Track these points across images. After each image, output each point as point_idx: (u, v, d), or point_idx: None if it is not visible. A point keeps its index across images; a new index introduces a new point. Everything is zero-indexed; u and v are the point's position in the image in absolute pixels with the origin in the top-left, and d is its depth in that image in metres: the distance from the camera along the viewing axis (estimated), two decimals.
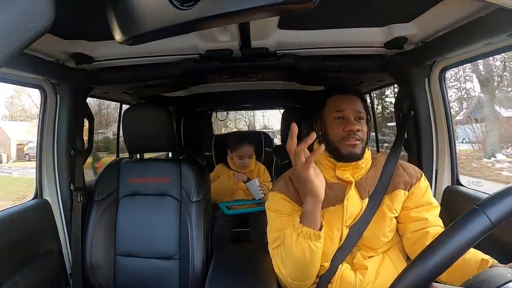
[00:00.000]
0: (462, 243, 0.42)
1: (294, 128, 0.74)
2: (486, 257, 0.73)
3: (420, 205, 0.89)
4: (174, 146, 1.35)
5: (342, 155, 0.89)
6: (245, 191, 1.90)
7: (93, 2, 0.69)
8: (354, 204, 0.89)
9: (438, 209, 0.91)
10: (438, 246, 0.43)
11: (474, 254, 0.74)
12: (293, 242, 0.80)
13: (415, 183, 0.91)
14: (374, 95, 2.33)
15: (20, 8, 0.28)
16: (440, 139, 1.17)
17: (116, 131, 2.54)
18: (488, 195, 0.46)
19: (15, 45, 0.28)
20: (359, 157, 0.89)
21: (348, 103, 0.91)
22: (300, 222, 0.80)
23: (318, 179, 0.78)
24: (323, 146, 0.77)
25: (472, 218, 0.43)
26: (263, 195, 1.84)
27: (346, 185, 0.91)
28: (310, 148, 1.01)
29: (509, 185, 0.45)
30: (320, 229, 0.80)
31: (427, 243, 0.81)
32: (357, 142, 0.88)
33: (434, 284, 0.43)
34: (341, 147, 0.89)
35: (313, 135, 0.74)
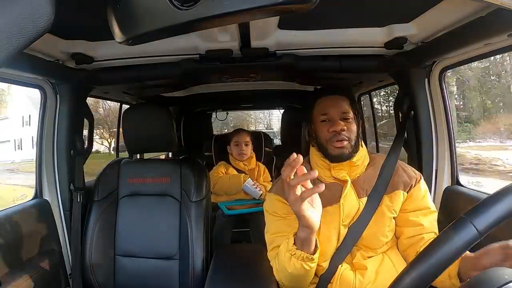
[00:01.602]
0: (449, 254, 0.43)
1: (295, 158, 0.68)
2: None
3: (418, 209, 0.89)
4: (174, 146, 1.35)
5: (331, 156, 0.90)
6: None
7: (93, 2, 0.69)
8: (351, 203, 0.89)
9: (435, 214, 0.91)
10: (426, 258, 0.43)
11: None
12: (286, 261, 0.80)
13: (415, 185, 0.91)
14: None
15: (20, 8, 0.28)
16: (440, 139, 1.17)
17: None
18: (487, 195, 0.46)
19: (15, 45, 0.28)
20: (349, 157, 0.90)
21: (332, 105, 0.93)
22: (294, 243, 0.79)
23: (313, 212, 0.73)
24: (323, 186, 0.68)
25: (459, 228, 0.43)
26: (261, 192, 1.85)
27: (343, 184, 0.91)
28: (307, 151, 1.02)
29: (496, 192, 0.45)
30: (314, 252, 0.78)
31: (419, 250, 0.83)
32: (344, 142, 0.89)
33: None
34: (329, 148, 0.90)
35: (300, 159, 0.68)
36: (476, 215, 0.43)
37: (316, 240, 0.79)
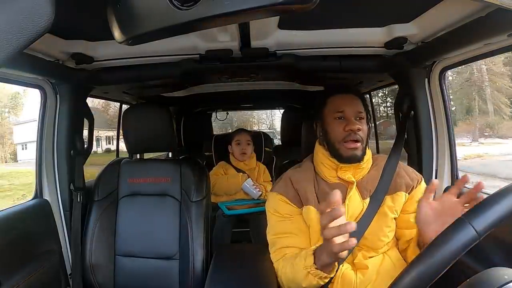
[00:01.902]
0: (448, 255, 0.43)
1: (337, 197, 0.65)
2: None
3: None
4: (174, 146, 1.35)
5: (342, 157, 0.89)
6: None
7: (93, 2, 0.69)
8: (356, 204, 0.89)
9: None
10: (425, 258, 0.44)
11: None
12: (302, 277, 0.77)
13: (416, 187, 0.91)
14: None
15: (20, 8, 0.28)
16: (440, 139, 1.17)
17: None
18: (487, 195, 0.46)
19: (15, 45, 0.28)
20: (360, 159, 0.90)
21: (348, 103, 0.92)
22: (314, 262, 0.74)
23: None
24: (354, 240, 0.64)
25: (458, 229, 0.44)
26: (260, 193, 1.85)
27: (347, 185, 0.91)
28: (311, 149, 1.01)
29: (494, 193, 0.45)
30: (332, 272, 0.75)
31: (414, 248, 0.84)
32: (358, 144, 0.88)
33: None
34: (341, 149, 0.89)
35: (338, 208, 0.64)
36: (474, 216, 0.44)
37: (335, 264, 0.75)
